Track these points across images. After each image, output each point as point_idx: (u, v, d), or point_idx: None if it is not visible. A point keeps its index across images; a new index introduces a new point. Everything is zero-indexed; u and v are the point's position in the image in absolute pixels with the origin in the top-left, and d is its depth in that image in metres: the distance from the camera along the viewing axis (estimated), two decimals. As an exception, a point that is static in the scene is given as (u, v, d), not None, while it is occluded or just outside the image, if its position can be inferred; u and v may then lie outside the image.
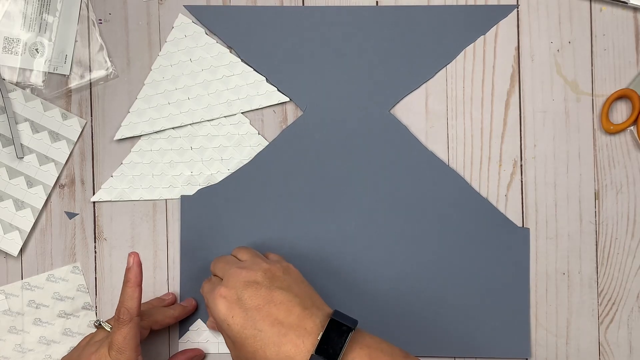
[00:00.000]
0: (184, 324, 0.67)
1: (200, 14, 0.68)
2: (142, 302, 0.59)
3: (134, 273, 0.58)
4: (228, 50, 0.68)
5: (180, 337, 0.66)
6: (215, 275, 0.60)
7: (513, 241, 0.67)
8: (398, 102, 0.68)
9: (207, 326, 0.66)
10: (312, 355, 0.51)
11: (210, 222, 0.67)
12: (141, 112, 0.67)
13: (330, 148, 0.67)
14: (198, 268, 0.67)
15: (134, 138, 0.68)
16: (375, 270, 0.66)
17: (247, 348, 0.53)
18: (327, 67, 0.67)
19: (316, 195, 0.67)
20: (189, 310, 0.66)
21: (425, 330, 0.66)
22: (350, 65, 0.67)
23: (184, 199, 0.67)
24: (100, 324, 0.60)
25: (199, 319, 0.66)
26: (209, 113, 0.67)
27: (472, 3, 0.68)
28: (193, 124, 0.67)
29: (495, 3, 0.68)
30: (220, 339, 0.67)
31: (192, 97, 0.68)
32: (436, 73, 0.68)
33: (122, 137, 0.67)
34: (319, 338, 0.52)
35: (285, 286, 0.56)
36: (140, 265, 0.58)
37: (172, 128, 0.67)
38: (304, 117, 0.67)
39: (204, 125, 0.68)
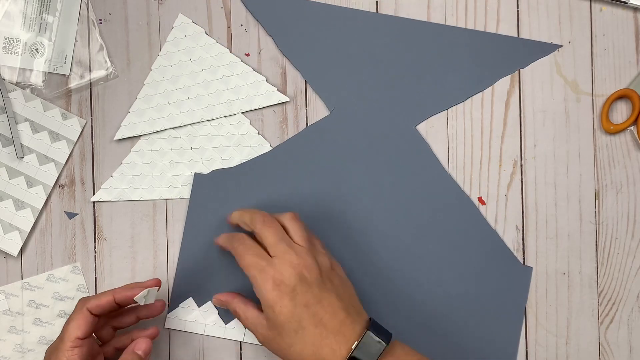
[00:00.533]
0: (174, 300, 0.66)
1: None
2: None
3: (128, 288, 0.59)
4: (228, 50, 0.68)
5: (168, 312, 0.66)
6: (252, 239, 0.58)
7: (514, 278, 0.67)
8: (425, 119, 0.67)
9: (213, 302, 0.63)
10: None
11: (219, 203, 0.66)
12: (141, 112, 0.67)
13: (349, 153, 0.67)
14: (200, 245, 0.66)
15: (134, 138, 0.68)
16: (380, 274, 0.66)
17: (284, 339, 0.55)
18: (363, 72, 0.67)
19: (325, 197, 0.67)
20: (155, 308, 0.63)
21: (419, 339, 0.65)
22: (385, 75, 0.67)
23: (197, 176, 0.67)
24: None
25: (191, 298, 0.66)
26: (209, 113, 0.67)
27: (515, 34, 0.68)
28: (193, 124, 0.67)
29: (538, 38, 0.67)
30: (209, 320, 0.66)
31: (192, 97, 0.67)
32: (467, 98, 0.67)
33: (122, 137, 0.67)
34: (353, 347, 0.53)
35: (334, 288, 0.57)
36: (141, 289, 0.59)
37: (172, 128, 0.67)
38: (330, 117, 0.67)
39: (204, 125, 0.68)
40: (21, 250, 0.67)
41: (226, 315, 0.66)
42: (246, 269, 0.57)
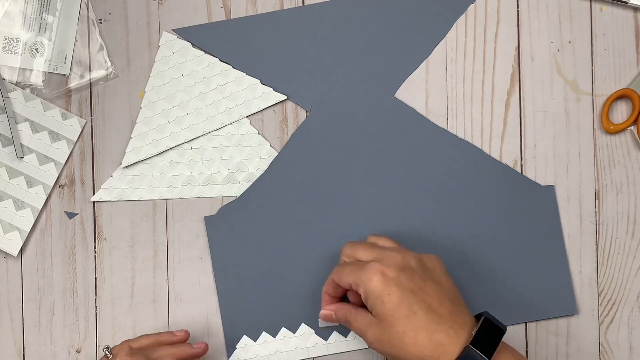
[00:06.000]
0: (230, 344, 0.66)
1: (190, 36, 0.67)
2: (153, 333, 0.62)
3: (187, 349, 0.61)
4: (218, 60, 0.68)
5: (228, 357, 0.66)
6: (354, 260, 0.59)
7: (540, 201, 0.66)
8: (401, 85, 0.67)
9: (321, 316, 0.63)
10: (467, 346, 0.53)
11: (238, 238, 0.67)
12: (143, 136, 0.67)
13: (343, 143, 0.67)
14: (234, 284, 0.66)
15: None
16: (420, 241, 0.66)
17: (396, 328, 0.54)
18: (325, 63, 0.67)
19: (339, 191, 0.67)
20: (196, 353, 0.62)
21: (468, 305, 0.66)
22: (348, 57, 0.67)
23: (207, 219, 0.67)
24: (107, 352, 0.60)
25: (245, 336, 0.66)
26: (210, 124, 0.67)
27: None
28: (196, 138, 0.67)
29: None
30: (269, 350, 0.66)
31: (190, 112, 0.67)
32: (433, 49, 0.68)
33: (129, 164, 0.67)
34: (473, 333, 0.54)
35: (436, 278, 0.57)
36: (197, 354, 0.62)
37: (186, 142, 0.67)
38: (311, 117, 0.67)
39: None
40: (21, 250, 0.67)
41: (324, 333, 0.66)
42: (350, 281, 0.58)
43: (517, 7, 0.68)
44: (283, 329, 0.66)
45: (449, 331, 0.54)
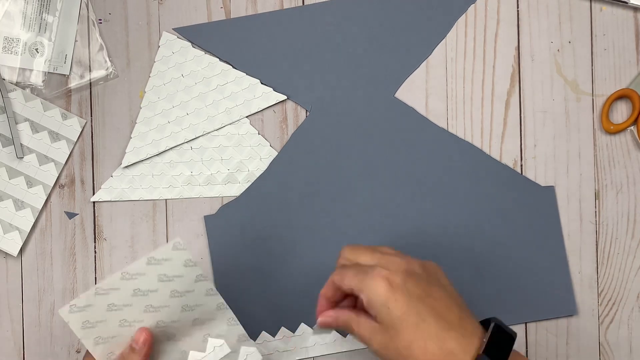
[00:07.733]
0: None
1: (190, 35, 0.68)
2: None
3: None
4: (218, 60, 0.68)
5: None
6: (355, 264, 0.56)
7: (540, 201, 0.66)
8: (401, 85, 0.67)
9: (319, 324, 0.58)
10: (480, 355, 0.50)
11: (238, 236, 0.67)
12: (143, 136, 0.67)
13: (343, 143, 0.67)
14: (235, 283, 0.66)
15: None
16: (411, 253, 0.66)
17: (404, 336, 0.51)
18: (325, 63, 0.67)
19: (339, 191, 0.67)
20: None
21: (468, 305, 0.66)
22: (348, 57, 0.67)
23: (207, 218, 0.67)
24: None
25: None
26: (210, 124, 0.67)
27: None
28: (196, 138, 0.67)
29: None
30: (267, 351, 0.65)
31: (190, 112, 0.67)
32: (434, 49, 0.68)
33: (129, 164, 0.67)
34: (485, 340, 0.51)
35: (441, 284, 0.55)
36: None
37: (186, 142, 0.67)
38: (311, 117, 0.67)
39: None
40: (21, 250, 0.67)
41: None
42: (352, 285, 0.54)
43: (517, 7, 0.68)
44: (282, 329, 0.66)
45: (460, 339, 0.51)
